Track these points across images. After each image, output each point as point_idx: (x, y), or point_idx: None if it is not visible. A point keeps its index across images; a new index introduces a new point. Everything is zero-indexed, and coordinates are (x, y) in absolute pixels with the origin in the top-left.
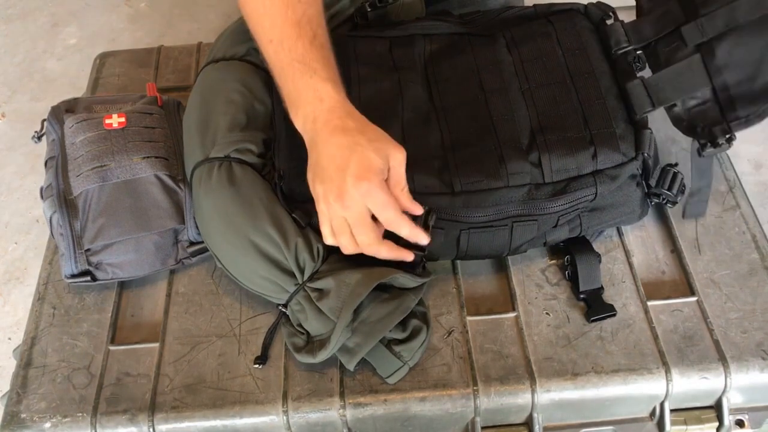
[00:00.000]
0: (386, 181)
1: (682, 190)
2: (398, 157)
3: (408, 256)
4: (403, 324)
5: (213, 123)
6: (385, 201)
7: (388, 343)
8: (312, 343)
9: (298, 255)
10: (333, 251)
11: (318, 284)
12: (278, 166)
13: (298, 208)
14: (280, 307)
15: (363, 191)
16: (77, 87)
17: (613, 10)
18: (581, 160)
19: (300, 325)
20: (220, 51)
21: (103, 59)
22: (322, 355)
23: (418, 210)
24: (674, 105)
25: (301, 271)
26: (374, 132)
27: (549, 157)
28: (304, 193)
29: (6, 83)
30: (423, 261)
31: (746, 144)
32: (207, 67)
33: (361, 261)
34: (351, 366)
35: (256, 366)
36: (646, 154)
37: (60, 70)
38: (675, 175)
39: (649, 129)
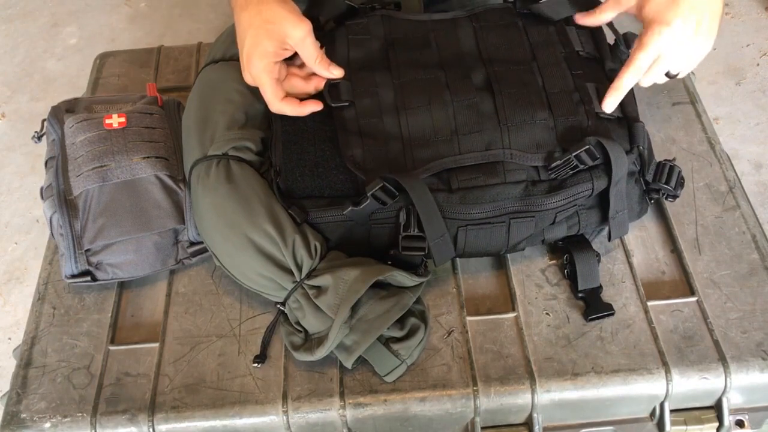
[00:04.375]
0: (302, 54)
1: (681, 183)
2: (296, 35)
3: (305, 111)
4: (401, 322)
5: (212, 121)
6: (264, 85)
7: (386, 342)
8: (310, 341)
9: (295, 252)
10: (331, 248)
11: (316, 281)
12: (275, 162)
13: (295, 204)
14: (278, 306)
15: (252, 71)
16: (77, 87)
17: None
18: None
19: (298, 323)
20: (219, 51)
21: (103, 59)
22: (321, 353)
23: (338, 73)
24: None
25: (299, 268)
26: (272, 11)
27: None
28: (301, 190)
29: (6, 83)
30: (423, 261)
31: (746, 144)
32: (206, 68)
33: (360, 258)
34: (349, 364)
35: (255, 365)
36: (641, 147)
37: (60, 70)
38: (672, 168)
39: (641, 122)
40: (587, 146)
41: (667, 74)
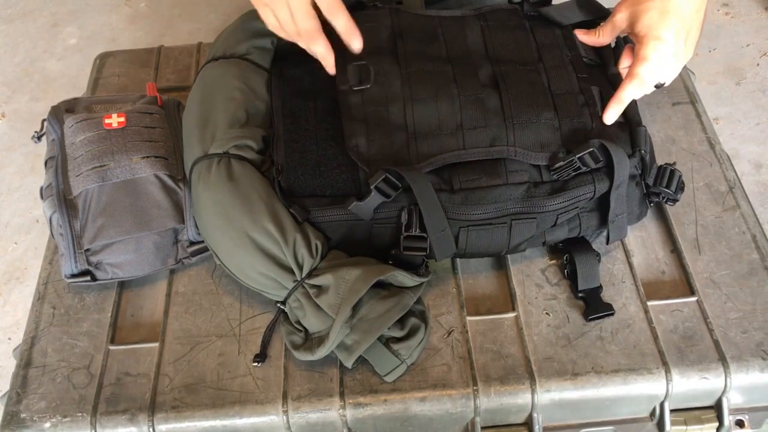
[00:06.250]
0: None
1: (681, 188)
2: None
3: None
4: (401, 322)
5: (213, 120)
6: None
7: (387, 342)
8: (311, 341)
9: (296, 251)
10: (332, 248)
11: (316, 281)
12: (277, 161)
13: (297, 203)
14: (278, 305)
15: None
16: (77, 87)
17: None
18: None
19: (298, 323)
20: (220, 49)
21: (103, 59)
22: (321, 352)
23: (357, 45)
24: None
25: (300, 267)
26: None
27: None
28: (302, 189)
29: (6, 83)
30: (424, 261)
31: (746, 144)
32: (207, 65)
33: (361, 258)
34: (349, 363)
35: (255, 364)
36: (642, 151)
37: (60, 70)
38: (672, 172)
39: (644, 126)
40: (591, 149)
41: (656, 85)
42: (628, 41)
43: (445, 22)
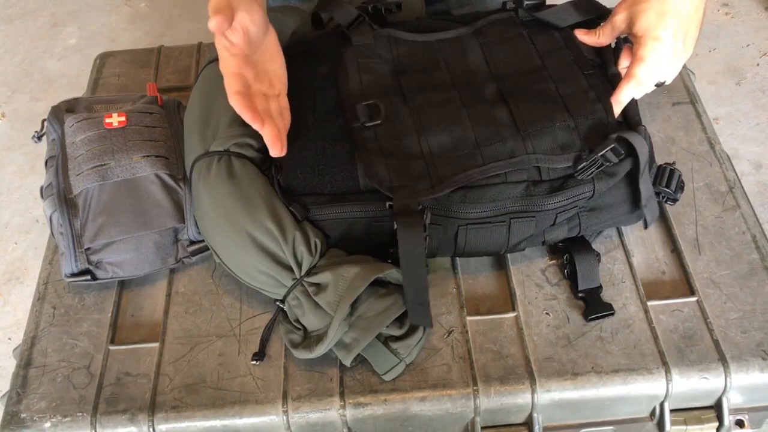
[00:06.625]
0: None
1: (681, 187)
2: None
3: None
4: (400, 321)
5: (214, 118)
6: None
7: (385, 340)
8: (309, 339)
9: (295, 249)
10: (331, 246)
11: (315, 279)
12: (276, 159)
13: (296, 201)
14: (277, 303)
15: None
16: (77, 87)
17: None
18: None
19: (297, 321)
20: None
21: (103, 59)
22: (320, 350)
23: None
24: None
25: (299, 265)
26: None
27: None
28: (302, 187)
29: (6, 83)
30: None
31: (746, 144)
32: (209, 66)
33: (360, 256)
34: (348, 361)
35: (254, 363)
36: None
37: (60, 70)
38: (672, 171)
39: (644, 126)
40: (612, 145)
41: (656, 84)
42: (627, 41)
43: (444, 45)
